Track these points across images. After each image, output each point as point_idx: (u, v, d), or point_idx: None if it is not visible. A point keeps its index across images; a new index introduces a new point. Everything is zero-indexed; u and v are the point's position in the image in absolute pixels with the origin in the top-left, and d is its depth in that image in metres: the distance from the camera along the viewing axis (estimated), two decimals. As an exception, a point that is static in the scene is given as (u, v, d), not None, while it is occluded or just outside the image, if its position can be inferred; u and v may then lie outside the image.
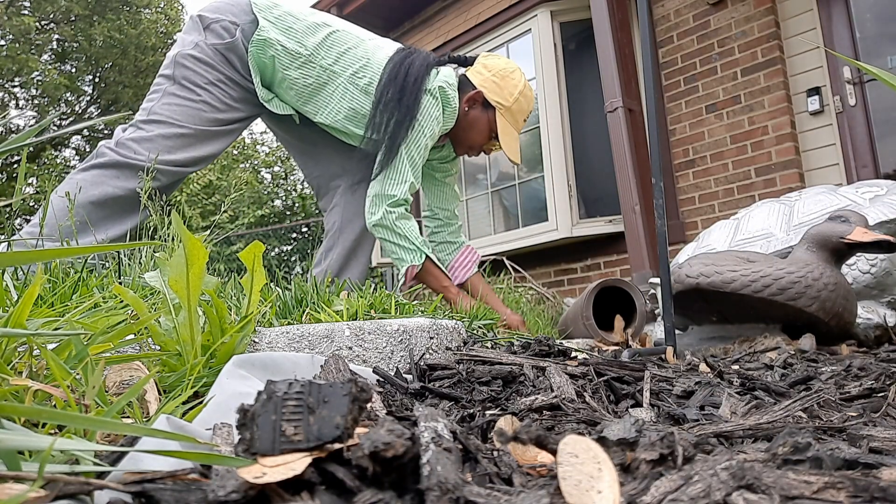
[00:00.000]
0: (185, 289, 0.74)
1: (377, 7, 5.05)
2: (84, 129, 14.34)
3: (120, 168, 1.71)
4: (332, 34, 1.87)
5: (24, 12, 12.81)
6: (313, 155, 2.13)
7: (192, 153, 1.80)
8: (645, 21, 1.66)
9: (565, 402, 0.78)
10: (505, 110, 1.95)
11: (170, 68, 1.83)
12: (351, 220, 2.11)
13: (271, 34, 1.81)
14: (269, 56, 1.83)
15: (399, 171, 1.86)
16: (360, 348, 0.99)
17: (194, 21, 1.87)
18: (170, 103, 1.79)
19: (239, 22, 1.84)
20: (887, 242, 1.52)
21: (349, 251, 2.12)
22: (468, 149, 2.07)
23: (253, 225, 10.34)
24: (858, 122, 3.32)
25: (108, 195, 1.69)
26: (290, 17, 1.86)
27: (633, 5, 3.87)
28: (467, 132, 2.01)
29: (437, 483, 0.38)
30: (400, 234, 1.86)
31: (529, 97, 2.00)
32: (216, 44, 1.82)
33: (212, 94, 1.82)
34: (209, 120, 1.82)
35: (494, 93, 1.95)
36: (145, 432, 0.43)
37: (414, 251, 1.86)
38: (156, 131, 1.75)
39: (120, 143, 1.74)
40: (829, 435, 0.65)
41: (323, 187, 2.16)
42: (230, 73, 1.85)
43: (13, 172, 13.23)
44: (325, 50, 1.86)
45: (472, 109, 1.98)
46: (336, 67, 1.86)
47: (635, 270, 3.11)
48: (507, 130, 1.96)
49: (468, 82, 1.98)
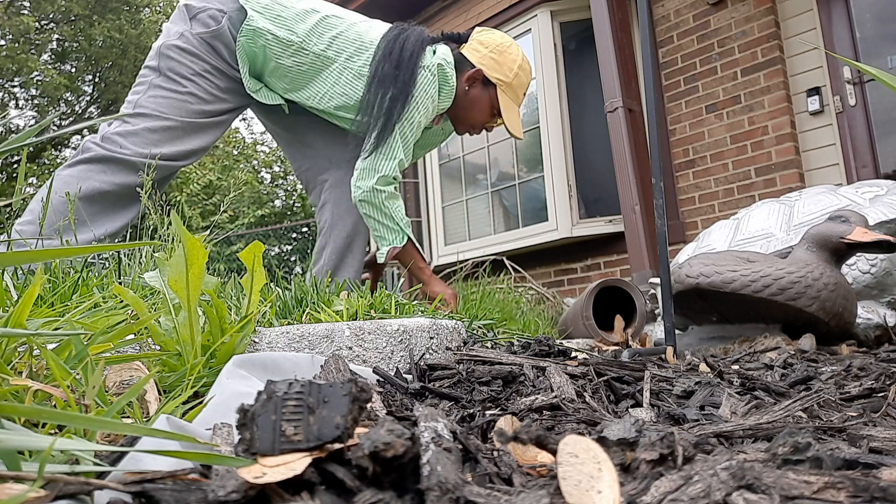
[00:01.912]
0: (184, 289, 0.74)
1: (377, 7, 5.05)
2: (84, 129, 14.33)
3: (106, 163, 1.69)
4: (322, 19, 1.85)
5: (24, 12, 12.81)
6: (301, 146, 2.10)
7: (180, 146, 1.78)
8: (645, 21, 1.66)
9: (565, 402, 0.78)
10: (506, 86, 1.91)
11: (155, 60, 1.80)
12: (342, 216, 2.08)
13: (260, 23, 1.79)
14: (259, 46, 1.81)
15: (391, 147, 1.83)
16: (360, 348, 0.99)
17: (181, 11, 1.84)
18: (155, 96, 1.76)
19: (226, 10, 1.81)
20: (887, 242, 1.52)
21: (343, 248, 2.10)
22: (470, 127, 2.03)
23: (253, 225, 10.34)
24: (858, 123, 3.32)
25: (95, 190, 1.67)
26: (278, 6, 1.83)
27: (633, 5, 3.87)
28: (468, 111, 1.97)
29: (437, 483, 0.38)
30: (386, 213, 1.83)
31: (528, 70, 1.97)
32: (202, 33, 1.79)
33: (198, 86, 1.79)
34: (196, 112, 1.79)
35: (494, 69, 1.91)
36: (145, 432, 0.43)
37: (397, 232, 1.84)
38: (142, 125, 1.73)
39: (105, 138, 1.71)
40: (829, 435, 0.65)
41: (311, 181, 2.13)
42: (217, 63, 1.82)
43: (13, 172, 13.23)
44: (317, 36, 1.83)
45: (472, 88, 1.94)
46: (329, 52, 1.84)
47: (635, 270, 3.11)
48: (509, 106, 1.93)
49: (465, 60, 1.94)
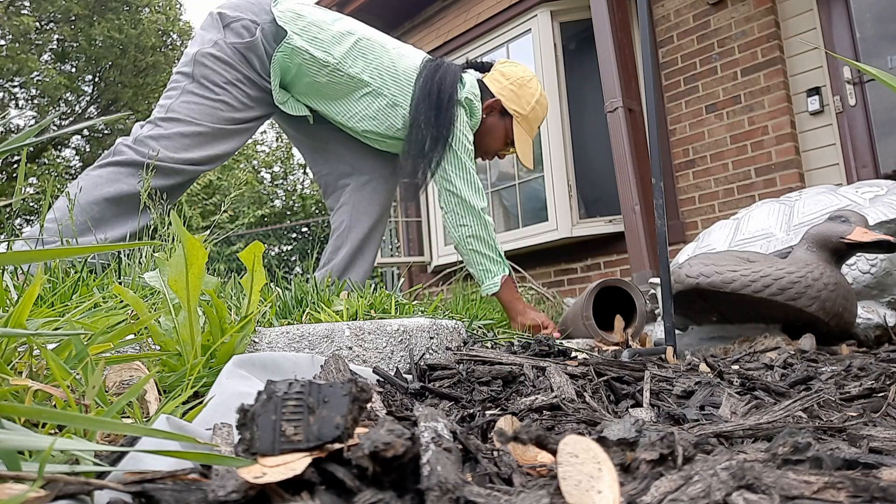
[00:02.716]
0: (184, 289, 0.74)
1: (377, 7, 5.05)
2: (84, 129, 14.33)
3: (137, 167, 1.71)
4: (357, 42, 1.90)
5: (24, 12, 12.81)
6: (324, 153, 2.14)
7: (208, 151, 1.81)
8: (645, 21, 1.66)
9: (565, 402, 0.78)
10: (522, 118, 1.99)
11: (189, 66, 1.82)
12: (360, 218, 2.12)
13: (298, 43, 1.83)
14: (295, 63, 1.85)
15: (470, 179, 1.91)
16: (360, 348, 0.99)
17: (213, 18, 1.87)
18: (188, 101, 1.79)
19: (259, 21, 1.84)
20: (887, 242, 1.52)
21: (357, 249, 2.14)
22: (483, 153, 2.11)
23: (253, 225, 10.35)
24: (858, 122, 3.32)
25: (123, 192, 1.69)
26: (315, 28, 1.86)
27: (633, 5, 3.87)
28: (484, 138, 2.05)
29: (437, 483, 0.38)
30: (491, 244, 1.91)
31: (544, 105, 2.05)
32: (236, 43, 1.82)
33: (230, 94, 1.83)
34: (226, 119, 1.83)
35: (512, 101, 1.98)
36: (145, 432, 0.43)
37: (500, 262, 1.92)
38: (174, 129, 1.76)
39: (138, 141, 1.73)
40: (829, 435, 0.65)
41: (331, 185, 2.18)
42: (248, 73, 1.85)
43: (13, 172, 13.23)
44: (352, 59, 1.88)
45: (489, 116, 2.01)
46: (364, 76, 1.89)
47: (635, 270, 3.11)
48: (523, 138, 2.00)
49: (486, 89, 2.02)
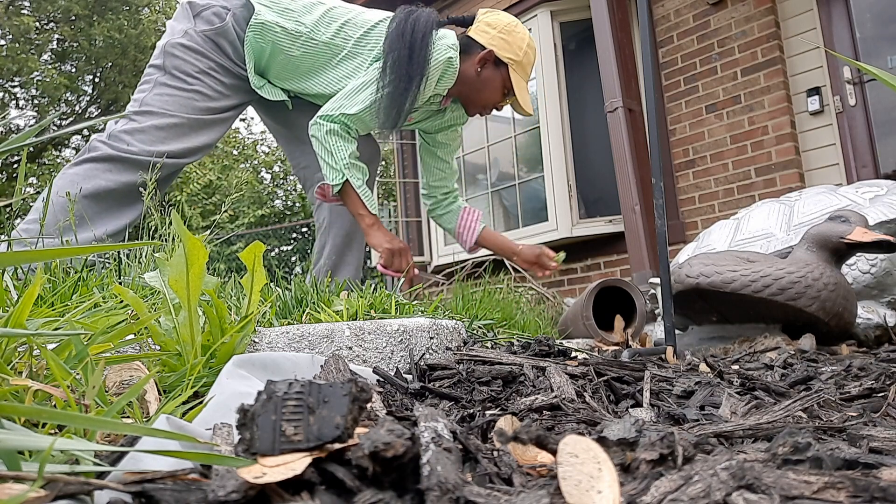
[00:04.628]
0: (185, 289, 0.74)
1: (377, 7, 5.05)
2: (84, 129, 14.33)
3: (113, 161, 1.70)
4: (328, 10, 1.88)
5: (24, 12, 12.81)
6: (300, 144, 2.11)
7: (186, 143, 1.79)
8: (645, 21, 1.66)
9: (565, 402, 0.78)
10: (517, 65, 1.94)
11: (160, 58, 1.81)
12: (340, 213, 2.09)
13: (268, 17, 1.81)
14: (267, 41, 1.83)
15: (360, 92, 1.82)
16: (360, 348, 0.99)
17: (184, 8, 1.86)
18: (161, 94, 1.78)
19: (230, 6, 1.83)
20: (887, 242, 1.52)
21: (341, 247, 2.12)
22: (481, 108, 2.06)
23: (253, 225, 10.35)
24: (858, 122, 3.32)
25: (101, 188, 1.68)
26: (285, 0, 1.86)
27: (633, 5, 3.87)
28: (482, 92, 1.99)
29: (437, 483, 0.38)
30: (327, 149, 1.82)
31: (534, 47, 2.01)
32: (206, 30, 1.81)
33: (203, 83, 1.81)
34: (202, 109, 1.82)
35: (505, 49, 1.93)
36: (145, 432, 0.43)
37: (337, 171, 1.82)
38: (148, 122, 1.74)
39: (112, 136, 1.72)
40: (829, 435, 0.65)
41: (309, 179, 2.15)
42: (221, 61, 1.84)
43: (13, 172, 13.23)
44: (325, 26, 1.86)
45: (484, 69, 1.96)
46: (337, 40, 1.87)
47: (635, 270, 3.11)
48: (521, 84, 1.96)
49: (474, 42, 1.95)
